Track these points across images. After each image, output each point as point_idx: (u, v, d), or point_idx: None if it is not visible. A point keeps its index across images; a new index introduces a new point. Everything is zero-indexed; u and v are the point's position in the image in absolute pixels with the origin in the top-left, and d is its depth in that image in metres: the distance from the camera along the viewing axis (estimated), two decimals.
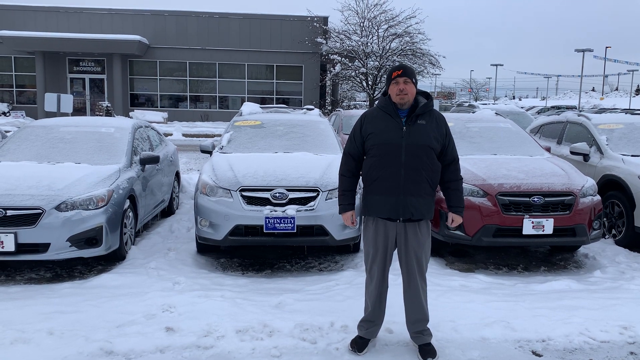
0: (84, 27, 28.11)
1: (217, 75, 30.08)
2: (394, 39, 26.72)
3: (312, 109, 8.23)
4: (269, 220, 5.24)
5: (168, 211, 7.87)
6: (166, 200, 7.62)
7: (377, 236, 3.51)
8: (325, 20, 29.00)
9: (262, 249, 6.33)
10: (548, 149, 7.09)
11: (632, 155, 6.87)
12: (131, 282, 4.92)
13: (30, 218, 4.92)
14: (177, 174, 8.54)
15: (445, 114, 6.08)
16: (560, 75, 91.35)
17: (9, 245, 4.84)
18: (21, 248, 4.90)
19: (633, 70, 70.71)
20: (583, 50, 50.16)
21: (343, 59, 26.60)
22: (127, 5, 29.77)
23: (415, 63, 26.82)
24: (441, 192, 3.66)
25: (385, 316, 3.70)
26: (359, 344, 3.63)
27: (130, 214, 5.89)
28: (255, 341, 3.73)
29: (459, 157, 3.65)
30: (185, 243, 6.33)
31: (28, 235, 4.89)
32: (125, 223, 5.67)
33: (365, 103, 33.88)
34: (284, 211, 5.27)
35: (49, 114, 16.37)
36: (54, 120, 6.99)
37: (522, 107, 26.06)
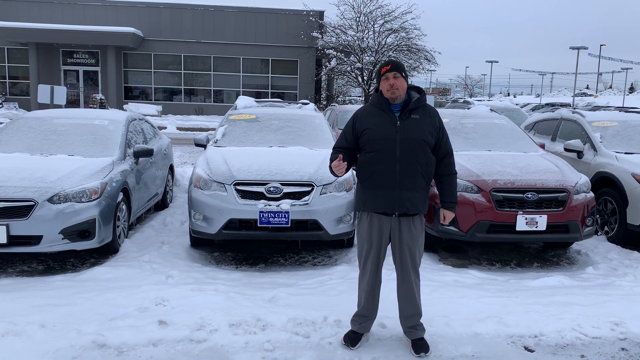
0: (78, 19, 27.90)
1: (212, 69, 29.96)
2: (389, 34, 26.73)
3: (308, 104, 8.21)
4: (263, 215, 5.23)
5: (162, 204, 7.85)
6: (160, 194, 7.59)
7: (372, 231, 3.51)
8: (321, 14, 28.94)
9: (256, 243, 6.32)
10: (542, 146, 7.12)
11: (625, 153, 6.89)
12: (124, 275, 4.90)
13: (22, 210, 4.89)
14: (171, 167, 8.51)
15: (440, 110, 6.08)
16: (555, 73, 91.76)
17: (1, 238, 4.80)
18: (13, 240, 4.87)
19: (627, 69, 71.00)
20: (578, 48, 50.17)
21: (339, 53, 26.56)
22: None
23: (411, 59, 26.88)
24: (435, 188, 3.67)
25: (379, 311, 3.71)
26: (352, 339, 3.64)
27: (124, 206, 5.86)
28: (248, 335, 3.73)
29: (454, 152, 3.66)
30: (179, 236, 6.31)
31: (20, 227, 4.86)
32: (118, 216, 5.65)
33: (361, 98, 33.88)
34: (278, 205, 5.26)
35: (42, 105, 16.26)
36: (47, 112, 6.94)
37: (516, 104, 26.12)
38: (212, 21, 29.17)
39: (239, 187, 5.37)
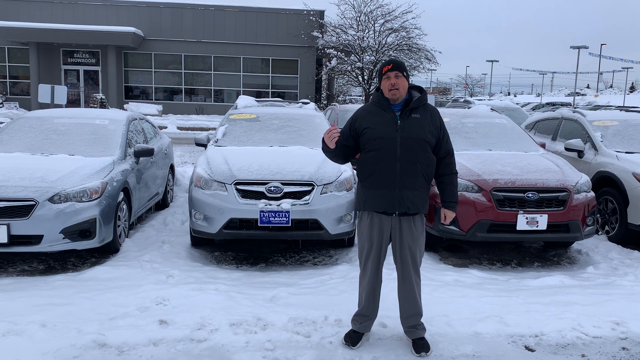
0: (78, 18, 27.90)
1: (212, 68, 29.96)
2: (390, 33, 26.71)
3: (308, 103, 8.21)
4: (263, 214, 5.23)
5: (162, 204, 7.85)
6: (160, 193, 7.59)
7: (372, 230, 3.51)
8: (321, 14, 28.92)
9: (256, 242, 6.32)
10: (543, 145, 7.11)
11: (626, 152, 6.89)
12: (125, 274, 4.90)
13: (23, 209, 4.89)
14: (172, 167, 8.51)
15: (440, 110, 6.08)
16: (556, 72, 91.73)
17: (2, 237, 4.80)
18: (14, 240, 4.88)
19: (628, 68, 70.93)
20: (578, 47, 50.06)
21: (339, 53, 26.56)
22: None
23: (412, 58, 26.83)
24: (436, 187, 3.67)
25: (379, 310, 3.71)
26: (352, 338, 3.64)
27: (124, 206, 5.86)
28: (249, 334, 3.73)
29: (454, 152, 3.65)
30: (180, 236, 6.31)
31: (21, 226, 4.86)
32: (119, 215, 5.65)
33: (361, 98, 33.88)
34: (278, 205, 5.26)
35: (43, 105, 16.26)
36: (47, 111, 6.94)
37: (517, 104, 26.12)
38: (213, 21, 29.17)
39: (239, 187, 5.37)
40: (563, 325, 4.00)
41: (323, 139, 3.51)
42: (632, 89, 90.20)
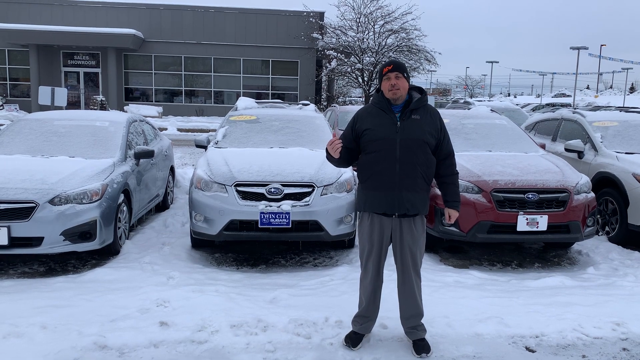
0: (78, 20, 27.93)
1: (212, 70, 29.98)
2: (390, 35, 26.78)
3: (308, 105, 8.21)
4: (264, 216, 5.23)
5: (162, 206, 7.85)
6: (161, 195, 7.59)
7: (372, 232, 3.51)
8: (321, 15, 28.96)
9: (256, 244, 6.32)
10: (543, 146, 7.11)
11: (626, 153, 6.89)
12: (125, 276, 4.90)
13: (23, 212, 4.89)
14: (172, 169, 8.51)
15: (440, 111, 6.08)
16: (556, 73, 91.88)
17: (2, 239, 4.80)
18: (14, 242, 4.87)
19: (627, 69, 70.95)
20: (578, 48, 50.09)
21: (339, 54, 26.58)
22: None
23: (411, 59, 26.90)
24: (436, 188, 3.67)
25: (380, 311, 3.71)
26: (353, 339, 3.64)
27: (125, 208, 5.86)
28: (249, 336, 3.73)
29: (454, 153, 3.66)
30: (180, 238, 6.31)
31: (21, 229, 4.86)
32: (119, 217, 5.65)
33: (361, 99, 33.91)
34: (279, 206, 5.26)
35: (43, 107, 16.28)
36: (47, 113, 6.95)
37: (517, 105, 26.09)
38: (213, 22, 29.20)
39: (239, 188, 5.37)
40: (564, 326, 4.00)
41: (327, 149, 3.50)
42: (632, 89, 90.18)
